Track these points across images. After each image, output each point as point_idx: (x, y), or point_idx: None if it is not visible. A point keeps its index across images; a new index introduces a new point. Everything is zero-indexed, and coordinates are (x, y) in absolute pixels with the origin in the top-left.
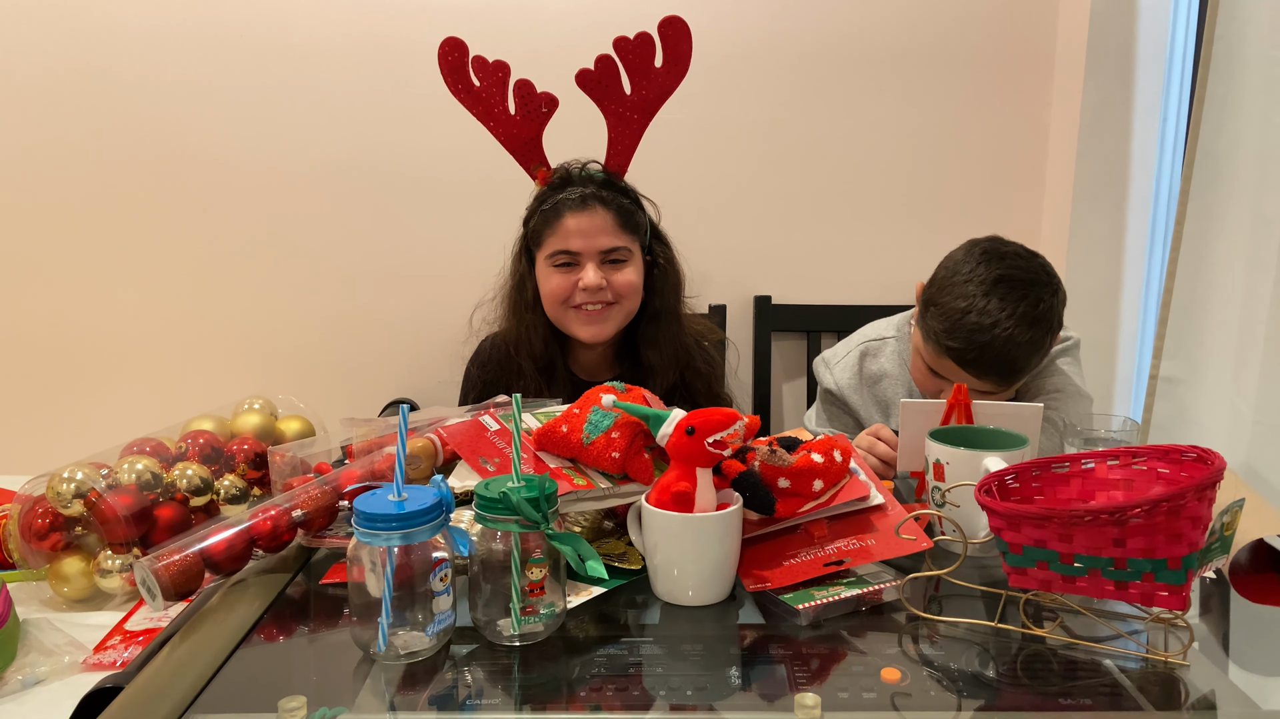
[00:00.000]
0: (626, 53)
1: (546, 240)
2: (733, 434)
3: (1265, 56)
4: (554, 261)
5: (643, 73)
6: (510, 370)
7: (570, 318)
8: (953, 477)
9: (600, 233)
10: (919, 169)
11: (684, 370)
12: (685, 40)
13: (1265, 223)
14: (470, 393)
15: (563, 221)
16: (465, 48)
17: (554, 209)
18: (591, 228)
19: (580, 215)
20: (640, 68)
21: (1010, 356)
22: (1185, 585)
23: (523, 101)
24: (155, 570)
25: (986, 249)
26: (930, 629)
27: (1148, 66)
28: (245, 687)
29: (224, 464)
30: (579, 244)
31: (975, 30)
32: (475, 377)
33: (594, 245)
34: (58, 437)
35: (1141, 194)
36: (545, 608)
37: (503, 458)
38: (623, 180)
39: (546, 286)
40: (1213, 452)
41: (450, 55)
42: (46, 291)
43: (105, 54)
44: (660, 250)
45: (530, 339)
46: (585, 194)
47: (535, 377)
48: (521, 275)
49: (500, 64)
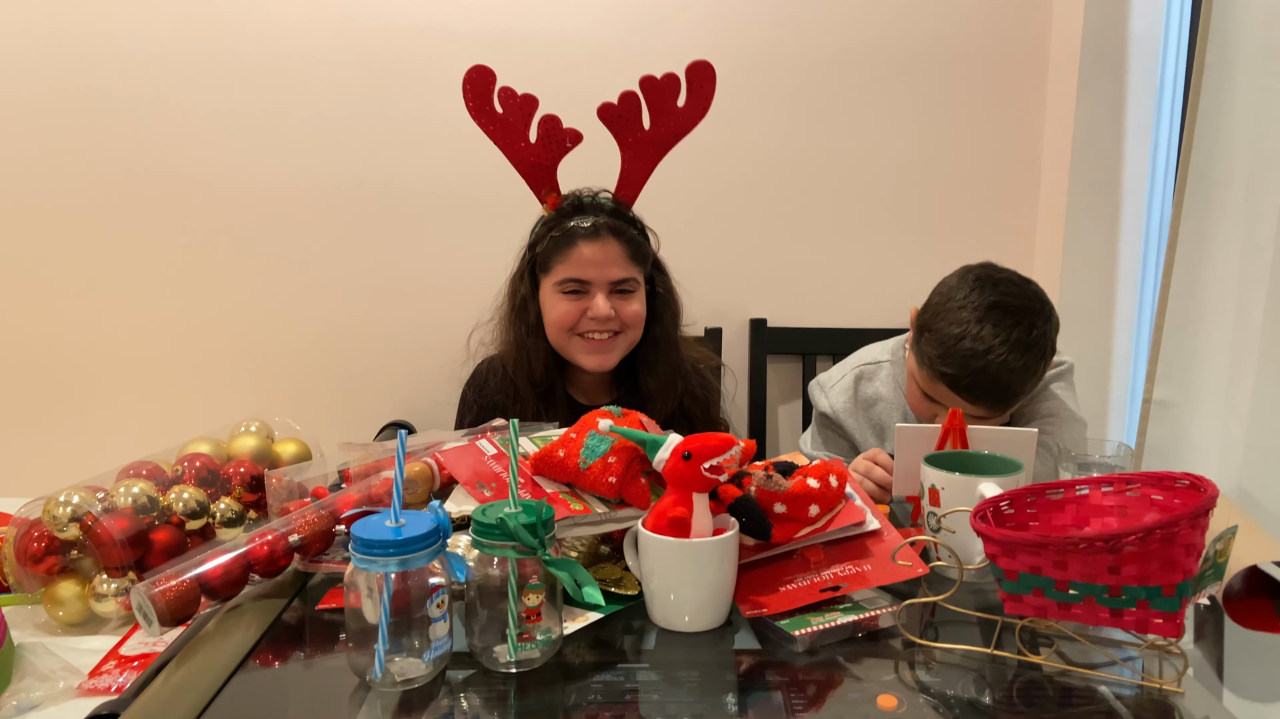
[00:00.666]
0: (651, 91)
1: (556, 267)
2: (729, 459)
3: (1255, 84)
4: (563, 288)
5: (665, 111)
6: (507, 394)
7: (575, 345)
8: (948, 502)
9: (612, 263)
10: (914, 192)
11: (682, 397)
12: (710, 83)
13: (1256, 248)
14: (466, 416)
15: (575, 250)
16: (493, 77)
17: (566, 236)
18: (604, 258)
19: (593, 245)
20: (663, 106)
21: (1004, 382)
22: (1180, 612)
23: (547, 134)
24: (151, 596)
25: (980, 276)
26: (927, 656)
27: (1139, 92)
28: (241, 713)
29: (220, 487)
30: (591, 273)
31: (968, 54)
32: (472, 400)
33: (605, 275)
34: (54, 459)
35: (1134, 218)
36: (542, 634)
37: (500, 483)
38: (631, 211)
39: (554, 313)
40: (1205, 479)
41: (477, 83)
42: (43, 312)
43: (106, 73)
44: (660, 279)
45: (530, 363)
46: (598, 224)
47: (533, 400)
48: (523, 298)
49: (529, 98)
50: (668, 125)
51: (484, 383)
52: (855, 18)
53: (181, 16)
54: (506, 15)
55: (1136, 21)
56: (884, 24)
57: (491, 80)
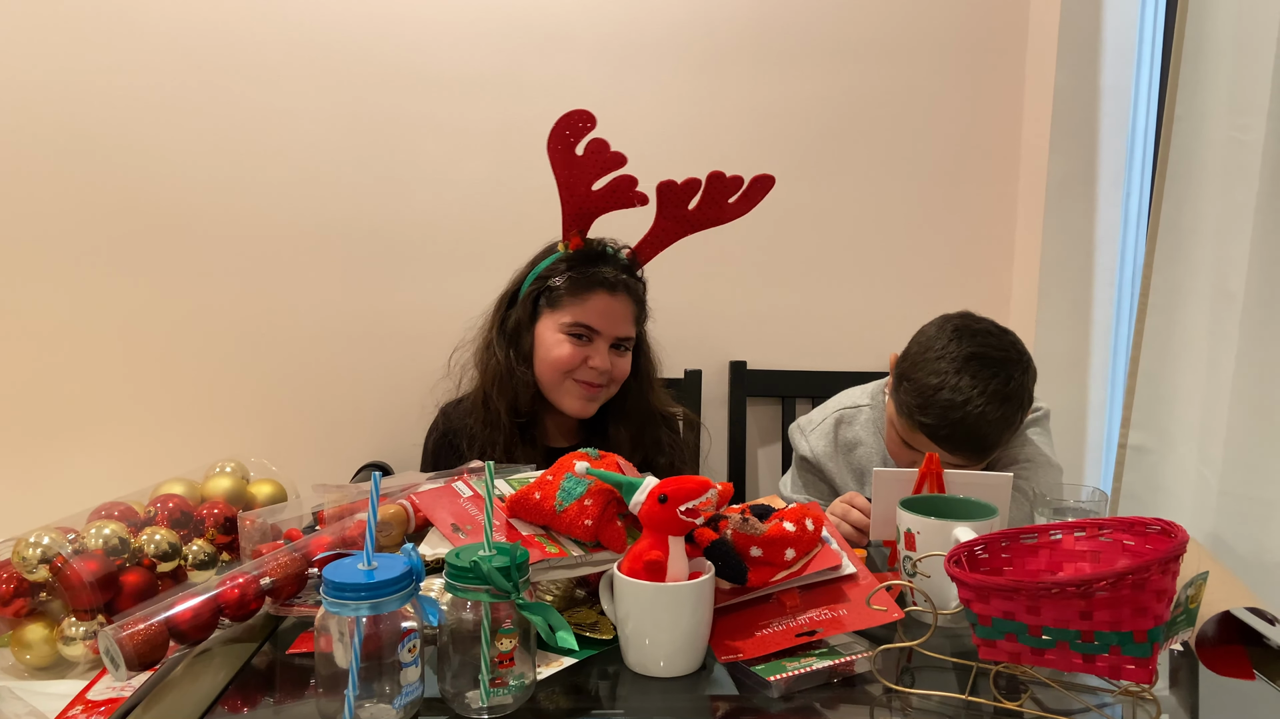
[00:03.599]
0: (714, 184)
1: (568, 307)
2: (705, 502)
3: (1225, 137)
4: (570, 330)
5: (716, 203)
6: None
7: (567, 388)
8: (923, 546)
9: (621, 320)
10: (892, 240)
11: (649, 448)
12: (765, 193)
13: (1227, 297)
14: (427, 461)
15: (593, 297)
16: (594, 122)
17: (586, 281)
18: (617, 313)
19: (610, 298)
20: (716, 198)
21: (982, 433)
22: (1151, 658)
23: (615, 190)
24: (119, 639)
25: (959, 326)
26: (903, 702)
27: (1111, 143)
28: None
29: (193, 529)
30: (602, 324)
31: (944, 106)
32: (429, 451)
33: (613, 330)
34: (25, 499)
35: (1107, 267)
36: (515, 679)
37: (476, 525)
38: (641, 270)
39: (554, 352)
40: (1176, 524)
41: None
42: (16, 350)
43: (82, 113)
44: (641, 332)
45: (517, 390)
46: (618, 279)
47: (509, 428)
48: (518, 323)
49: (618, 155)
50: (710, 213)
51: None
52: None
53: (162, 56)
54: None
55: (1108, 77)
56: (866, 78)
57: (590, 126)
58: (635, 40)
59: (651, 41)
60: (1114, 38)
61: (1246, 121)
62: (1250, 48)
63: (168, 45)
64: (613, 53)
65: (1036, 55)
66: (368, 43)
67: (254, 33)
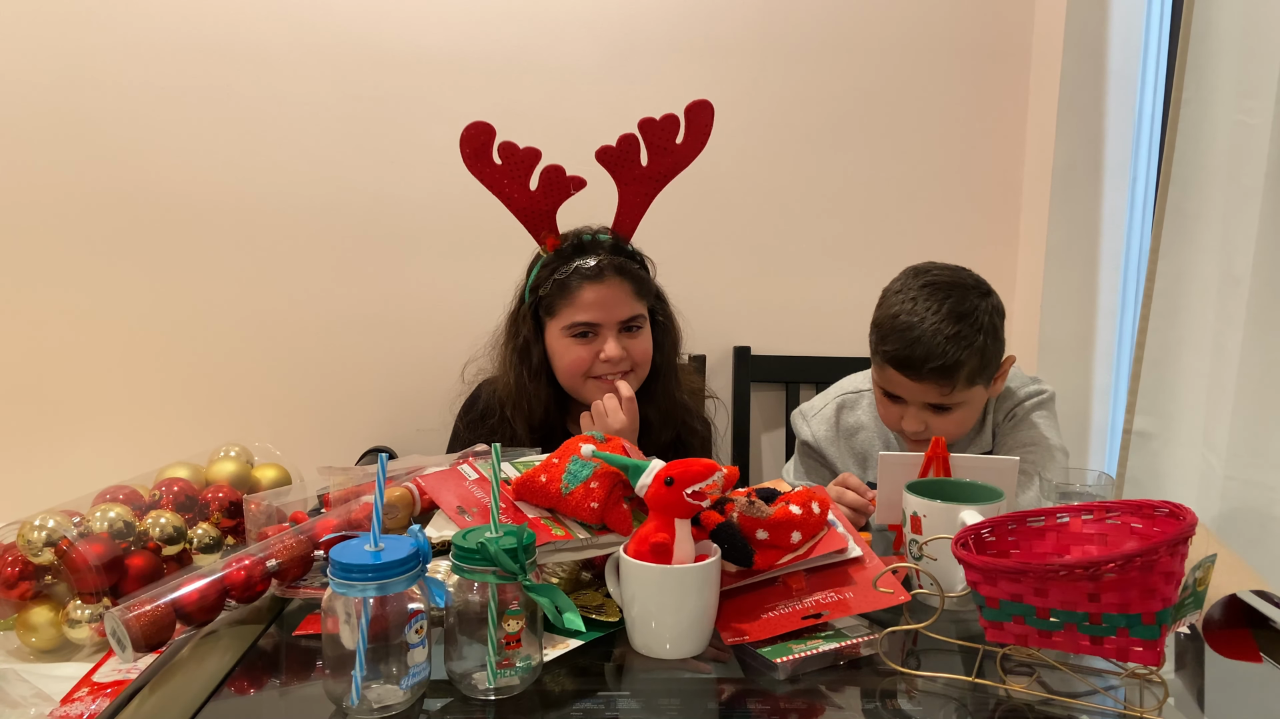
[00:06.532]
0: (650, 132)
1: (562, 311)
2: (711, 485)
3: (1232, 120)
4: (571, 332)
5: (663, 149)
6: (503, 434)
7: (590, 388)
8: (929, 529)
9: (619, 304)
10: (898, 226)
11: (680, 428)
12: (708, 119)
13: (1233, 281)
14: (456, 447)
15: (580, 292)
16: (492, 133)
17: (569, 279)
18: (610, 299)
19: (598, 287)
20: (662, 144)
21: (940, 351)
22: (1159, 641)
23: (550, 183)
24: (125, 621)
25: (917, 268)
26: (908, 684)
27: (1117, 127)
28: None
29: (198, 512)
30: (599, 315)
31: (950, 92)
32: (464, 435)
33: (614, 317)
34: (30, 483)
35: (1112, 252)
36: (521, 661)
37: (481, 507)
38: (630, 244)
39: (566, 358)
40: (1184, 507)
41: (474, 139)
42: (22, 337)
43: (88, 97)
44: (660, 308)
45: (530, 407)
46: (601, 264)
47: (528, 439)
48: (526, 340)
49: (532, 150)
50: (665, 161)
51: (477, 418)
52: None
53: (168, 42)
54: (497, 42)
55: (1114, 61)
56: (869, 62)
57: (490, 136)
58: (639, 27)
59: (655, 28)
60: (1120, 22)
61: (1253, 104)
62: (1258, 30)
63: (165, 35)
64: (616, 40)
65: (1042, 40)
66: (367, 29)
67: (253, 22)
